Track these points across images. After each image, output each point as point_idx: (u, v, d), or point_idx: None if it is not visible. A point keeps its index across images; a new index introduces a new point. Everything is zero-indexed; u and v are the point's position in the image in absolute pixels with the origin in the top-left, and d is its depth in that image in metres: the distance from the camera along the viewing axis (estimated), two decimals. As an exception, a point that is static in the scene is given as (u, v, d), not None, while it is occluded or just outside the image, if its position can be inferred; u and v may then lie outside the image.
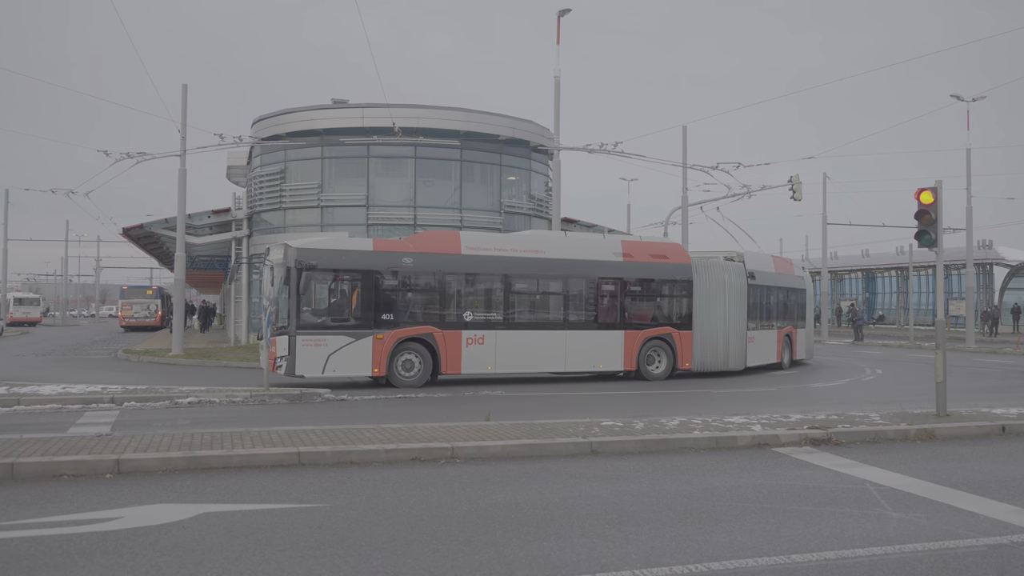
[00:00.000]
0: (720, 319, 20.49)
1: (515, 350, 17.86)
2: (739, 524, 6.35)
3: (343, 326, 16.45)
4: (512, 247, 18.49)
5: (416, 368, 16.88)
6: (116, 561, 5.27)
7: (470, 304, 17.75)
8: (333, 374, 16.39)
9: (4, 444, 8.67)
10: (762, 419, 11.14)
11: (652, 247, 20.30)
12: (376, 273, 16.86)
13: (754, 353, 21.63)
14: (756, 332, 21.77)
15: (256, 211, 41.08)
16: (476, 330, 17.47)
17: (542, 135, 40.57)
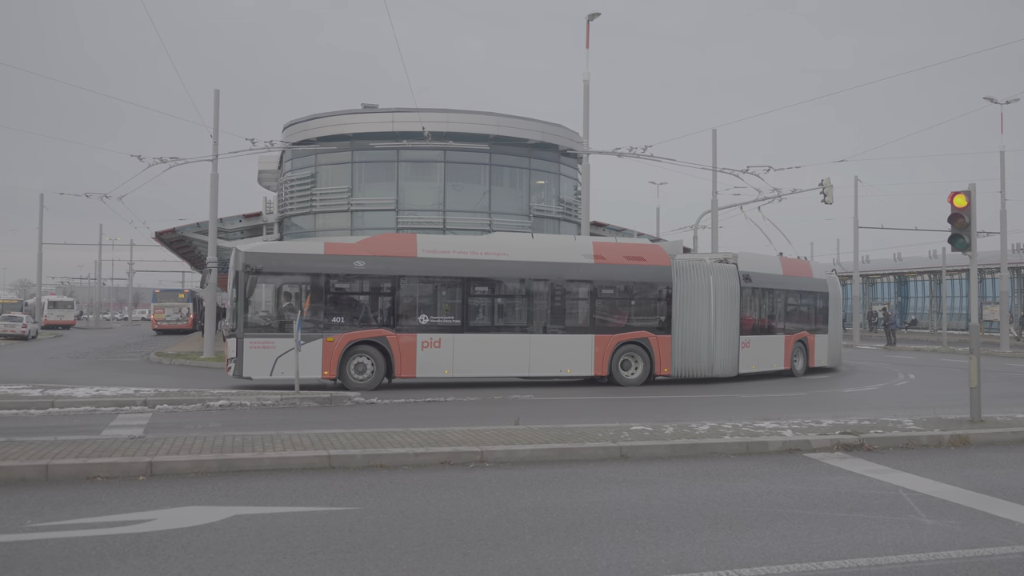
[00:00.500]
0: (705, 323, 19.61)
1: (474, 354, 17.66)
2: (770, 530, 6.28)
3: (290, 329, 16.22)
4: (473, 249, 18.37)
5: (368, 371, 16.93)
6: (149, 563, 5.32)
7: (426, 307, 17.68)
8: (282, 376, 16.40)
9: (39, 446, 8.81)
10: (793, 424, 11.02)
11: (628, 249, 19.75)
12: (326, 276, 17.02)
13: (750, 359, 20.61)
14: (754, 337, 20.82)
15: (287, 215, 41.44)
16: (432, 333, 17.32)
17: (571, 139, 40.54)
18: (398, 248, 17.74)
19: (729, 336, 20.13)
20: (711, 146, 32.26)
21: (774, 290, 21.96)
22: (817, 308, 23.58)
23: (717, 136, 32.04)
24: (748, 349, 20.62)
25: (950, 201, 12.33)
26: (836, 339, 24.45)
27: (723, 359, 19.98)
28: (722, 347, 19.92)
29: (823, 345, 23.46)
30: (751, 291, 20.92)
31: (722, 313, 19.95)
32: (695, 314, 19.57)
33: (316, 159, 40.48)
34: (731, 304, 20.20)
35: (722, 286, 20.08)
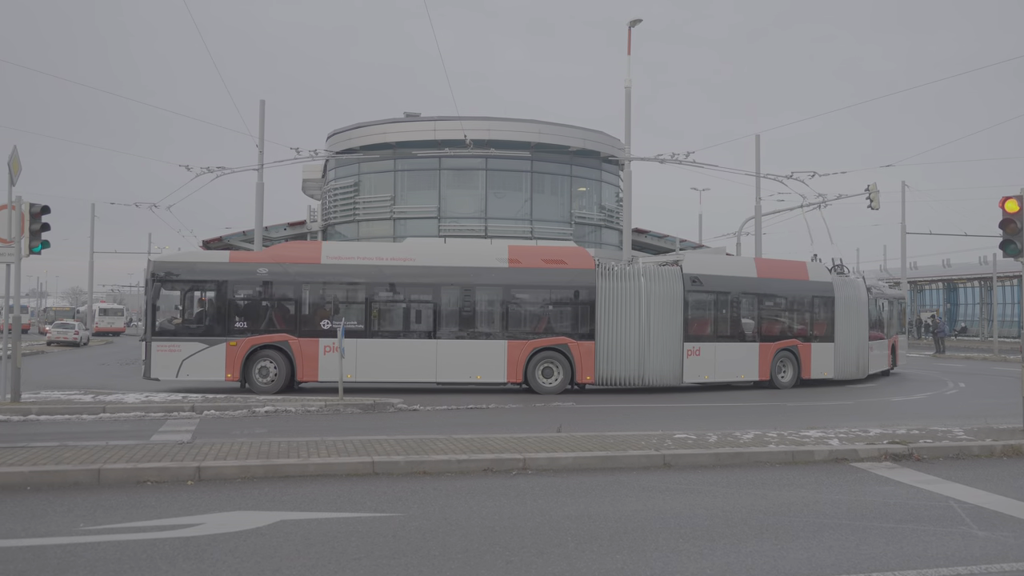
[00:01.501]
0: (634, 329, 18.57)
1: (378, 358, 17.65)
2: (817, 540, 6.19)
3: (196, 333, 17.23)
4: (379, 255, 18.56)
5: (272, 374, 17.33)
6: (197, 567, 5.42)
7: (330, 312, 17.92)
8: (188, 378, 17.22)
9: (91, 450, 9.02)
10: (840, 433, 10.85)
11: (547, 252, 19.30)
12: (230, 283, 17.58)
13: (700, 368, 19.21)
14: (709, 344, 19.37)
15: (331, 223, 41.96)
16: (335, 338, 16.90)
17: (613, 145, 40.48)
18: (302, 255, 18.22)
19: (668, 343, 18.90)
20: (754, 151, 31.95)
21: (741, 293, 20.24)
22: (815, 313, 21.32)
23: (760, 141, 31.70)
24: (698, 357, 19.18)
25: (1001, 206, 12.08)
26: (854, 346, 21.82)
27: (658, 367, 18.80)
28: (658, 355, 18.76)
29: (825, 354, 21.09)
30: (703, 295, 19.63)
31: (658, 319, 18.80)
32: (623, 320, 18.59)
33: (359, 168, 40.94)
34: (671, 309, 18.98)
35: (658, 290, 18.93)
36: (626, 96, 26.30)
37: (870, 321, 22.97)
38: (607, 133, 41.48)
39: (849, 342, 21.67)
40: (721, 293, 19.98)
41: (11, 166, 13.81)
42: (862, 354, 22.19)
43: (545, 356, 18.22)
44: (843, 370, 21.57)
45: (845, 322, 21.55)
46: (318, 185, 44.98)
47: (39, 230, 14.57)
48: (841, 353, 21.45)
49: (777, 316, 21.14)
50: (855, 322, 21.88)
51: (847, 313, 21.64)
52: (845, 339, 21.56)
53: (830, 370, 21.24)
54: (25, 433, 11.44)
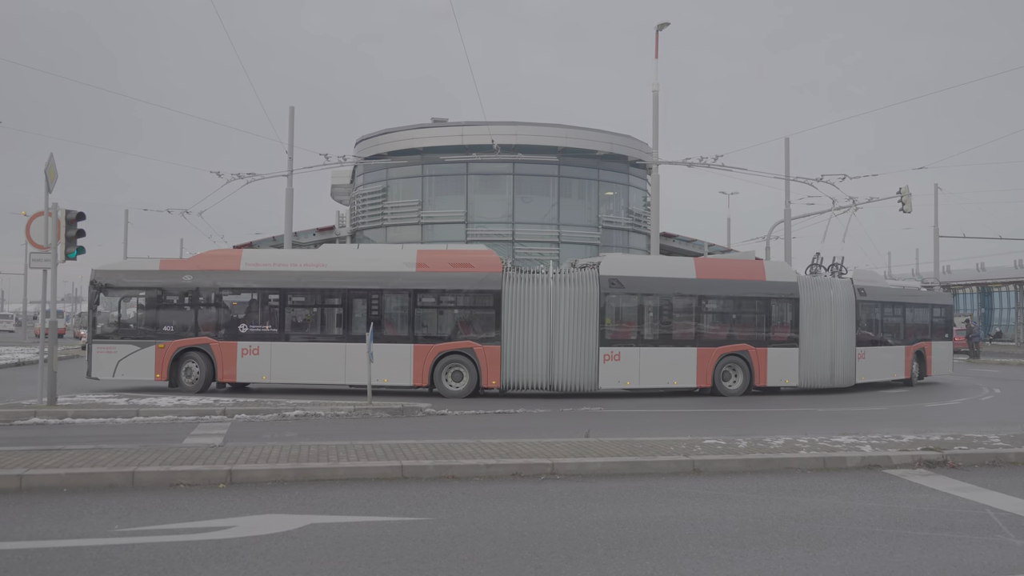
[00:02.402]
0: (543, 333, 18.21)
1: (291, 361, 18.19)
2: (850, 548, 6.12)
3: (129, 336, 18.31)
4: (293, 262, 18.98)
5: (195, 375, 18.15)
6: (230, 569, 5.47)
7: (247, 317, 18.63)
8: (123, 377, 18.19)
9: (125, 453, 9.14)
10: (872, 439, 10.72)
11: (455, 256, 19.10)
12: (159, 289, 18.54)
13: (619, 373, 18.55)
14: (631, 349, 18.67)
15: (359, 228, 42.24)
16: (251, 341, 18.13)
17: (640, 149, 40.38)
18: (223, 263, 18.88)
19: (581, 347, 18.40)
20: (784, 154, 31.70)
21: (675, 295, 19.36)
22: (774, 316, 20.00)
23: (790, 144, 31.44)
24: (617, 363, 18.56)
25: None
26: (824, 352, 20.18)
27: (569, 372, 18.37)
28: (568, 359, 18.35)
29: (786, 360, 19.71)
30: (624, 297, 19.04)
31: (569, 322, 18.37)
32: (531, 323, 18.26)
33: (387, 173, 41.18)
34: (585, 312, 18.46)
35: (570, 293, 18.46)
36: (653, 100, 26.23)
37: (868, 325, 21.34)
38: (634, 137, 41.39)
39: (819, 347, 20.12)
40: (648, 295, 19.25)
41: (47, 173, 14.05)
42: (841, 361, 20.42)
43: (451, 360, 18.17)
44: (812, 377, 20.05)
45: (815, 325, 20.09)
46: (346, 191, 45.33)
47: (75, 236, 14.83)
48: (809, 359, 19.95)
49: (723, 319, 19.95)
50: (830, 326, 20.28)
51: (817, 316, 20.16)
52: (815, 344, 20.05)
53: (793, 377, 19.80)
54: (61, 436, 11.62)
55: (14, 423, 13.16)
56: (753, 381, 19.43)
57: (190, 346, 18.17)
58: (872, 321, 21.82)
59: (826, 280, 21.13)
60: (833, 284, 20.94)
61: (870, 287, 21.81)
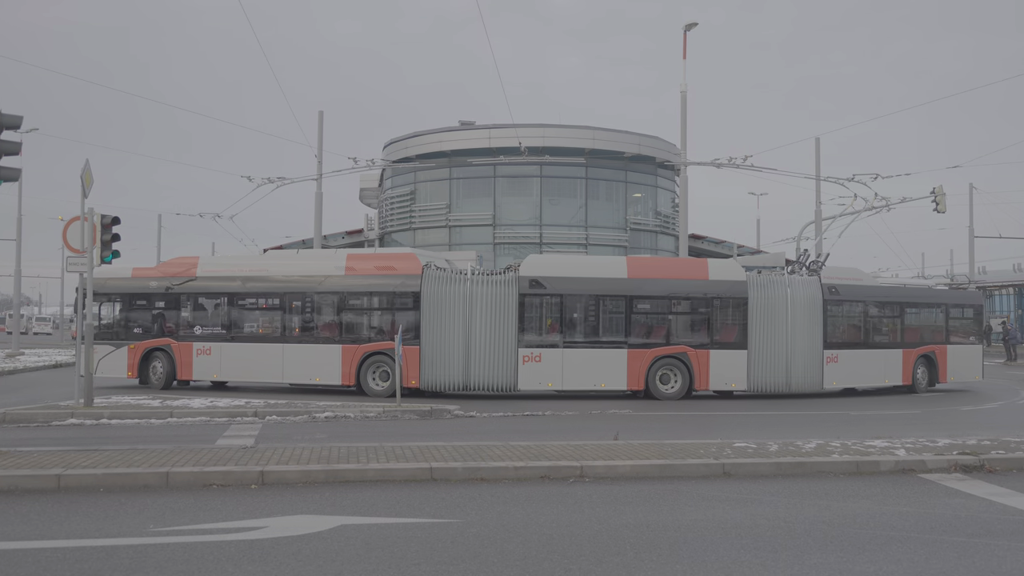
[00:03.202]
0: (460, 334, 18.25)
1: (238, 360, 19.22)
2: (884, 553, 6.05)
3: (107, 338, 19.67)
4: (241, 268, 19.92)
5: (159, 373, 19.52)
6: (262, 569, 5.52)
7: (201, 319, 19.81)
8: (103, 375, 19.38)
9: (160, 454, 9.26)
10: (906, 443, 10.57)
11: (381, 259, 19.50)
12: (130, 295, 19.86)
13: (541, 374, 18.28)
14: (555, 351, 18.37)
15: (387, 231, 42.45)
16: (205, 342, 19.44)
17: (668, 151, 40.20)
18: (182, 269, 19.98)
19: (499, 348, 18.32)
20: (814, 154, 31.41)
21: (602, 296, 18.90)
22: (718, 317, 19.20)
23: (820, 144, 31.15)
24: (538, 364, 18.32)
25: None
26: (779, 355, 19.17)
27: (487, 373, 18.32)
28: (488, 360, 18.32)
29: (732, 363, 18.91)
30: (545, 298, 18.71)
31: (488, 323, 18.34)
32: (448, 324, 18.34)
33: (415, 176, 41.34)
34: (504, 313, 18.36)
35: (488, 294, 18.42)
36: (681, 100, 26.10)
37: (844, 326, 20.23)
38: (662, 138, 41.21)
39: (772, 349, 19.12)
40: (572, 296, 18.81)
41: (84, 179, 14.28)
42: (802, 364, 19.26)
43: (376, 360, 18.49)
44: (764, 382, 19.10)
45: (767, 326, 19.14)
46: (375, 194, 45.58)
47: (110, 240, 15.06)
48: (760, 362, 19.06)
49: (658, 320, 19.21)
50: (787, 327, 19.20)
51: (770, 316, 19.18)
52: (766, 346, 19.10)
53: (741, 381, 18.94)
54: (97, 436, 11.81)
55: (52, 424, 13.40)
56: (693, 384, 18.75)
57: (155, 347, 19.57)
58: (850, 322, 20.52)
59: (782, 279, 19.86)
60: (793, 283, 19.70)
61: (845, 285, 20.30)
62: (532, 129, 36.26)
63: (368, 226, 44.24)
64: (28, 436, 11.92)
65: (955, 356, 21.70)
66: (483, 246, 37.78)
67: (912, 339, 21.17)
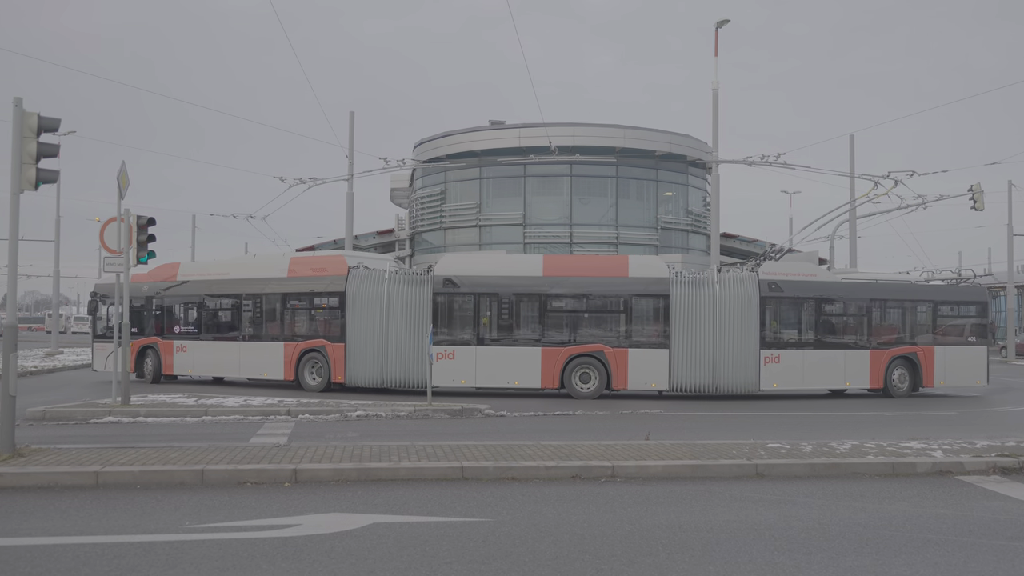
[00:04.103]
0: (379, 331, 18.77)
1: (205, 357, 21.11)
2: (921, 556, 5.96)
3: (109, 337, 20.97)
4: (210, 272, 21.62)
5: (149, 368, 21.56)
6: (296, 566, 5.58)
7: (180, 320, 21.83)
8: (109, 369, 20.86)
9: (195, 452, 9.38)
10: (943, 444, 10.41)
11: (315, 261, 20.59)
12: (132, 299, 20.74)
13: (454, 372, 18.53)
14: (468, 348, 18.60)
15: (418, 231, 42.62)
16: (181, 340, 21.49)
17: (700, 149, 39.94)
18: (166, 274, 22.00)
19: (414, 345, 18.64)
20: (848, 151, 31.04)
21: (516, 294, 18.88)
22: (638, 314, 18.94)
23: (855, 141, 30.77)
24: (451, 361, 18.52)
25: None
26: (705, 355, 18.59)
27: (403, 369, 18.75)
28: (403, 356, 18.72)
29: (654, 361, 18.50)
30: (459, 297, 18.95)
31: (404, 321, 18.76)
32: (369, 322, 18.90)
33: (445, 176, 41.46)
34: (418, 311, 18.74)
35: (403, 292, 18.90)
36: (713, 98, 25.92)
37: (789, 324, 19.52)
38: (694, 136, 40.94)
39: (697, 348, 18.61)
40: (486, 294, 18.90)
41: (120, 180, 14.50)
42: (732, 364, 18.64)
43: (312, 356, 19.60)
44: (687, 381, 18.59)
45: (691, 325, 18.62)
46: (405, 194, 45.76)
47: (145, 241, 15.28)
48: (683, 361, 18.57)
49: (574, 318, 19.05)
50: (714, 325, 18.66)
51: (694, 314, 18.65)
52: (690, 345, 18.62)
53: (662, 380, 18.53)
54: (134, 434, 12.00)
55: (90, 421, 13.63)
56: (610, 383, 18.57)
57: (146, 344, 21.57)
58: (797, 320, 19.65)
59: (709, 276, 19.38)
60: (724, 280, 19.12)
61: (790, 281, 19.34)
62: (562, 128, 36.21)
63: (399, 226, 44.45)
64: (67, 433, 12.14)
65: (947, 358, 20.05)
66: (513, 245, 37.80)
67: (885, 339, 19.89)
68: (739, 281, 19.12)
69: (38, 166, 9.55)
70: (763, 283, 19.09)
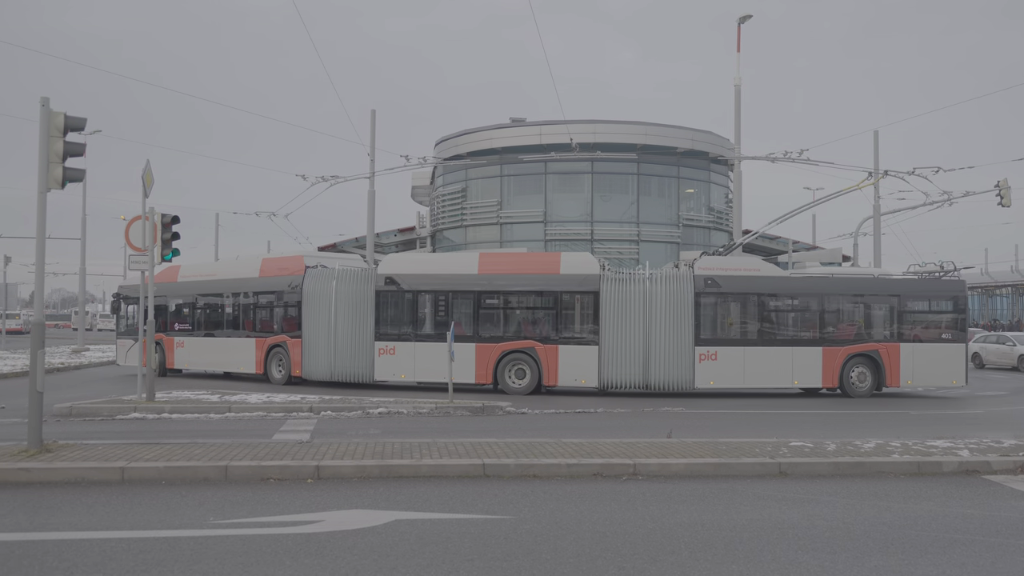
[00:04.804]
0: (327, 327, 19.78)
1: (197, 352, 22.57)
2: (947, 557, 5.90)
3: (129, 334, 23.26)
4: (202, 274, 23.05)
5: (156, 362, 20.38)
6: (319, 562, 5.61)
7: (181, 318, 23.22)
8: (129, 364, 23.24)
9: (219, 448, 9.46)
10: (970, 444, 10.29)
11: (281, 262, 21.45)
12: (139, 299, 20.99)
13: (395, 366, 19.24)
14: (408, 344, 19.18)
15: (439, 229, 42.69)
16: (179, 336, 22.93)
17: (722, 146, 39.70)
18: (169, 276, 23.14)
19: (359, 341, 19.52)
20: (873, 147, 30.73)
21: (454, 292, 19.37)
22: (567, 311, 19.04)
23: (879, 137, 30.45)
24: (392, 356, 19.36)
25: None
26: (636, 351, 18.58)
27: (348, 363, 19.66)
28: (348, 351, 19.65)
29: (584, 358, 18.55)
30: (400, 294, 19.44)
31: (349, 317, 19.66)
32: (322, 319, 19.94)
33: (466, 174, 41.49)
34: (363, 309, 19.60)
35: (349, 291, 19.79)
36: (735, 94, 25.75)
37: (730, 320, 19.11)
38: (716, 133, 40.71)
39: (627, 345, 18.54)
40: (424, 292, 19.57)
41: (144, 179, 14.64)
42: (665, 361, 18.51)
43: (276, 352, 20.76)
44: (617, 378, 18.60)
45: (621, 321, 18.56)
46: (427, 191, 45.86)
47: (170, 239, 15.42)
48: (612, 358, 18.54)
49: (506, 314, 19.35)
50: (644, 322, 18.55)
51: (625, 311, 18.56)
52: (620, 341, 18.55)
53: (591, 377, 18.48)
54: (159, 431, 12.12)
55: (116, 418, 13.78)
56: (542, 380, 18.71)
57: (156, 340, 21.56)
58: (736, 317, 19.16)
59: (641, 273, 19.21)
60: (656, 277, 19.01)
61: (728, 277, 18.91)
62: (583, 125, 36.11)
63: (420, 224, 44.56)
64: (94, 429, 12.28)
65: (916, 356, 19.02)
66: (534, 243, 37.77)
67: (840, 335, 19.10)
68: (672, 277, 19.12)
69: (64, 165, 9.65)
70: (699, 279, 18.86)
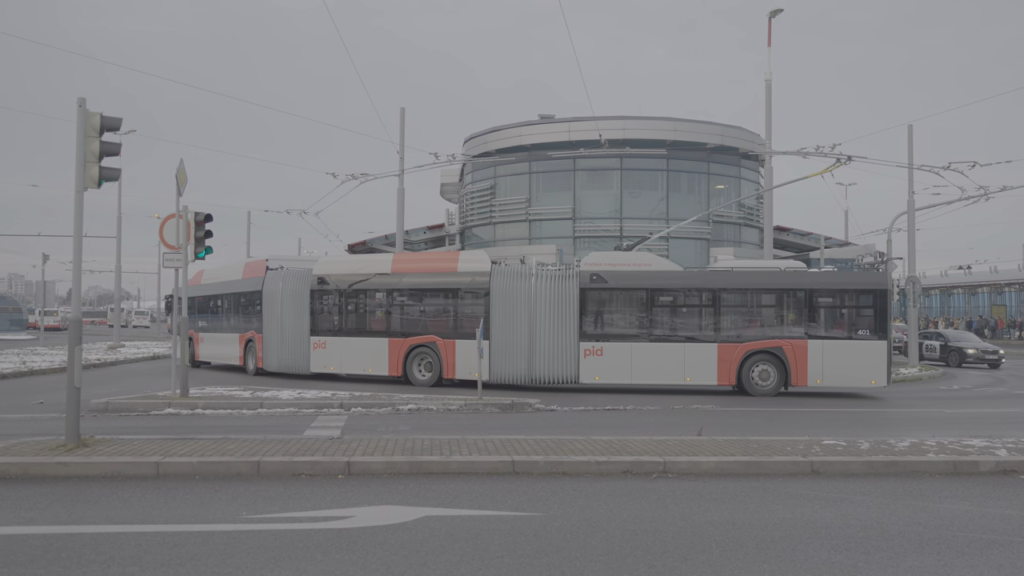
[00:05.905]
0: (278, 325, 21.80)
1: (208, 346, 25.45)
2: (984, 558, 5.80)
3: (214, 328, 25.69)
4: (214, 276, 25.61)
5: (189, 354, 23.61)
6: (349, 557, 5.65)
7: (200, 314, 25.89)
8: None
9: (251, 444, 9.56)
10: (1007, 443, 10.12)
11: (254, 266, 23.65)
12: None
13: (326, 360, 21.06)
14: (336, 339, 21.00)
15: (468, 226, 42.75)
16: (201, 332, 25.89)
17: (752, 141, 39.35)
18: (196, 278, 25.51)
19: (296, 335, 21.43)
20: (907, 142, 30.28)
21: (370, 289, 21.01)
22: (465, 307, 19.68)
23: (913, 131, 30.00)
24: (324, 350, 21.11)
25: None
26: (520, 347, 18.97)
27: (290, 356, 21.54)
28: (290, 345, 21.53)
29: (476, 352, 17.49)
30: (328, 292, 21.35)
31: (291, 315, 21.58)
32: (275, 316, 21.94)
33: (495, 171, 41.50)
34: (300, 306, 21.42)
35: (290, 289, 21.68)
36: (766, 89, 25.51)
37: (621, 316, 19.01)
38: (746, 128, 40.34)
39: (513, 340, 19.03)
40: (347, 291, 21.08)
41: (178, 178, 14.81)
42: (550, 357, 18.89)
43: (248, 347, 23.08)
44: (504, 372, 19.08)
45: (508, 317, 19.05)
46: (455, 189, 45.90)
47: (203, 237, 15.60)
48: (500, 352, 19.03)
49: (413, 311, 20.72)
50: (530, 317, 18.95)
51: (511, 307, 19.04)
52: (507, 336, 19.06)
53: (484, 371, 18.22)
54: (192, 426, 12.27)
55: (151, 413, 13.97)
56: (443, 373, 19.65)
57: (190, 336, 22.82)
58: (621, 313, 19.06)
59: (527, 269, 19.64)
60: (542, 273, 19.42)
61: (616, 272, 18.80)
62: (612, 121, 35.95)
63: (449, 221, 44.64)
64: (129, 424, 12.46)
65: (827, 353, 18.09)
66: (563, 240, 37.69)
67: (738, 332, 18.51)
68: (557, 273, 19.70)
69: (101, 164, 9.79)
70: (584, 274, 18.98)
